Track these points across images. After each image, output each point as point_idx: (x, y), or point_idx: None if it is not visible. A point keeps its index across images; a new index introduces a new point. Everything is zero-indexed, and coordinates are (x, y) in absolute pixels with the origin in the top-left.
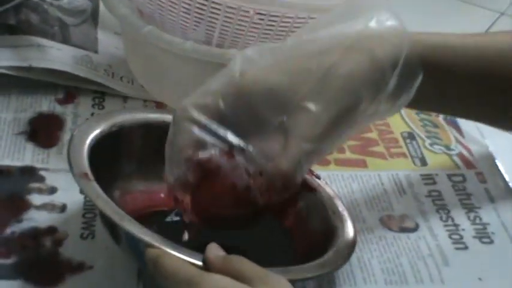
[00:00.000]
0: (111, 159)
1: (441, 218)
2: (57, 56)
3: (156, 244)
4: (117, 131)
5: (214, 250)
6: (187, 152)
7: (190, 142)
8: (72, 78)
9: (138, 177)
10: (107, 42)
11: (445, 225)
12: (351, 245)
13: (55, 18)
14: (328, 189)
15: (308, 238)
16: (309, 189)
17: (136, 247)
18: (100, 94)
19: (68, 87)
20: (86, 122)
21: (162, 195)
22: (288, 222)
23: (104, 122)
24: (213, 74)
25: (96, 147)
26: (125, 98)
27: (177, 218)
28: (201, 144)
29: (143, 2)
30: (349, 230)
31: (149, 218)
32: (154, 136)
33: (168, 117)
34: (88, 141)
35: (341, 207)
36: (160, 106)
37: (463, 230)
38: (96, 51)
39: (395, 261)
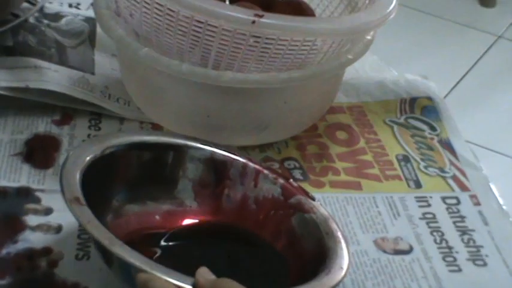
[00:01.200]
0: (104, 182)
1: (435, 241)
2: (54, 77)
3: (147, 268)
4: (110, 154)
5: (205, 274)
6: None
7: None
8: (69, 99)
9: (132, 199)
10: (104, 63)
11: (439, 248)
12: (345, 267)
13: (52, 39)
14: (322, 211)
15: (302, 259)
16: (303, 210)
17: (127, 271)
18: (96, 116)
19: (65, 108)
20: (79, 145)
21: (157, 217)
22: (281, 243)
23: (97, 145)
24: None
25: (89, 170)
26: (122, 120)
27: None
28: None
29: (139, 23)
30: (343, 252)
31: (143, 240)
32: (147, 158)
33: (161, 139)
34: (81, 164)
35: (335, 229)
36: (156, 127)
37: (457, 252)
38: (93, 73)
39: (390, 283)
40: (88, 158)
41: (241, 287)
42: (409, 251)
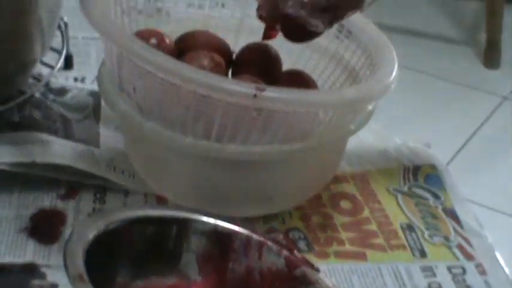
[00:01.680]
0: (108, 259)
1: None
2: (60, 151)
3: None
4: (113, 229)
5: None
6: None
7: None
8: (74, 173)
9: (136, 275)
10: (109, 136)
11: None
12: None
13: (58, 114)
14: (327, 282)
15: None
16: (308, 282)
17: None
18: (101, 189)
19: (70, 182)
20: (82, 221)
21: None
22: None
23: (100, 221)
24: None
25: (93, 246)
26: (126, 193)
27: None
28: None
29: (142, 98)
30: None
31: None
32: (150, 233)
33: (164, 213)
34: (84, 241)
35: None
36: (161, 199)
37: None
38: (97, 146)
39: None
40: (91, 235)
41: None
42: None
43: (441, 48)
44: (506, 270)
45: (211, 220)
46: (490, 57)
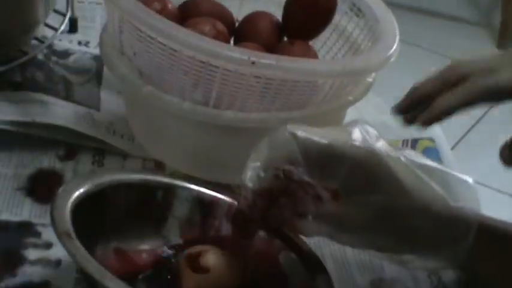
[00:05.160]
0: (94, 219)
1: (432, 284)
2: (60, 112)
3: None
4: (100, 190)
5: None
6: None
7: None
8: (74, 135)
9: (119, 236)
10: (110, 101)
11: None
12: None
13: (60, 76)
14: (311, 250)
15: None
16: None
17: None
18: (100, 151)
19: (69, 144)
20: (70, 181)
21: (144, 255)
22: (268, 282)
23: (88, 182)
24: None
25: (79, 206)
26: (125, 157)
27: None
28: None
29: (142, 63)
30: None
31: (128, 278)
32: (136, 197)
33: (150, 178)
34: (71, 200)
35: (323, 268)
36: (159, 164)
37: None
38: (98, 109)
39: None
40: (78, 194)
41: None
42: None
43: (455, 28)
44: None
45: (195, 187)
46: (504, 39)
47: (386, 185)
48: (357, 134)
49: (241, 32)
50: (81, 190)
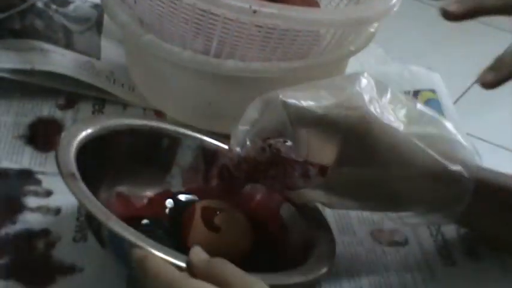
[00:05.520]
0: (98, 163)
1: (431, 234)
2: (60, 60)
3: (143, 245)
4: (105, 135)
5: (198, 253)
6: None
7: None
8: (74, 83)
9: (122, 182)
10: (110, 49)
11: (435, 241)
12: (331, 255)
13: (59, 24)
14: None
15: (289, 247)
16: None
17: (121, 248)
18: (100, 101)
19: (69, 93)
20: (74, 124)
21: (144, 200)
22: (268, 230)
23: (93, 125)
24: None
25: (85, 149)
26: (125, 106)
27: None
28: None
29: (143, 11)
30: (329, 241)
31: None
32: (140, 143)
33: (155, 125)
34: (77, 142)
35: (324, 218)
36: (159, 114)
37: (452, 246)
38: (98, 58)
39: (384, 274)
40: (83, 137)
41: (233, 268)
42: (404, 243)
43: None
44: None
45: (199, 136)
46: None
47: (380, 154)
48: (356, 90)
49: None
50: (86, 133)
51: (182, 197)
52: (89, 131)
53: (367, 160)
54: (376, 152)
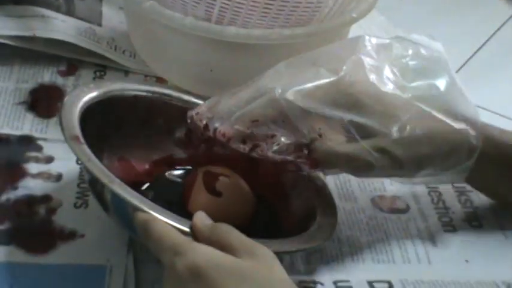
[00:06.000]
0: (102, 126)
1: (432, 201)
2: (61, 26)
3: (145, 208)
4: (109, 98)
5: (202, 218)
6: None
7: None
8: (75, 50)
9: (126, 145)
10: (111, 16)
11: (436, 208)
12: (333, 222)
13: None
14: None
15: (292, 215)
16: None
17: (125, 211)
18: (102, 67)
19: (70, 59)
20: (78, 88)
21: (147, 165)
22: (272, 197)
23: (96, 90)
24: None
25: (88, 113)
26: (126, 72)
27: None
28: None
29: None
30: (331, 208)
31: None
32: (144, 108)
33: (159, 91)
34: (80, 106)
35: (325, 185)
36: (161, 81)
37: (453, 213)
38: (99, 25)
39: (385, 241)
40: (87, 100)
41: (238, 233)
42: (405, 210)
43: None
44: None
45: (201, 102)
46: None
47: (385, 127)
48: (356, 59)
49: None
50: (90, 97)
51: (184, 163)
52: (93, 94)
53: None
54: (381, 128)
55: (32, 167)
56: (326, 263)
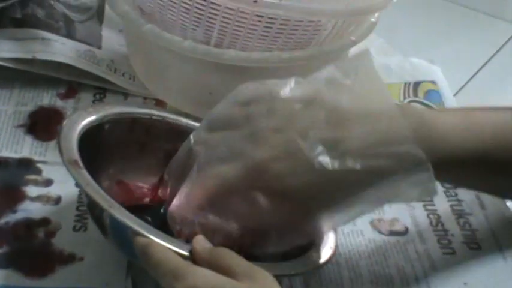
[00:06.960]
0: (101, 151)
1: (431, 223)
2: (61, 49)
3: (145, 232)
4: (107, 122)
5: (201, 242)
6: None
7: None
8: (75, 73)
9: (125, 170)
10: (111, 39)
11: (435, 230)
12: (331, 245)
13: (60, 13)
14: None
15: None
16: None
17: (124, 236)
18: (101, 90)
19: (70, 82)
20: (77, 111)
21: (146, 189)
22: None
23: (95, 113)
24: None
25: (87, 137)
26: (126, 95)
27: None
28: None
29: (143, 0)
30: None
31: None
32: (142, 131)
33: (156, 113)
34: (78, 130)
35: None
36: (160, 103)
37: (452, 235)
38: (99, 47)
39: (383, 263)
40: (86, 124)
41: (237, 257)
42: (404, 232)
43: None
44: None
45: (197, 124)
46: None
47: None
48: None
49: None
50: (88, 121)
51: None
52: (91, 118)
53: None
54: None
55: (31, 190)
56: (325, 287)
